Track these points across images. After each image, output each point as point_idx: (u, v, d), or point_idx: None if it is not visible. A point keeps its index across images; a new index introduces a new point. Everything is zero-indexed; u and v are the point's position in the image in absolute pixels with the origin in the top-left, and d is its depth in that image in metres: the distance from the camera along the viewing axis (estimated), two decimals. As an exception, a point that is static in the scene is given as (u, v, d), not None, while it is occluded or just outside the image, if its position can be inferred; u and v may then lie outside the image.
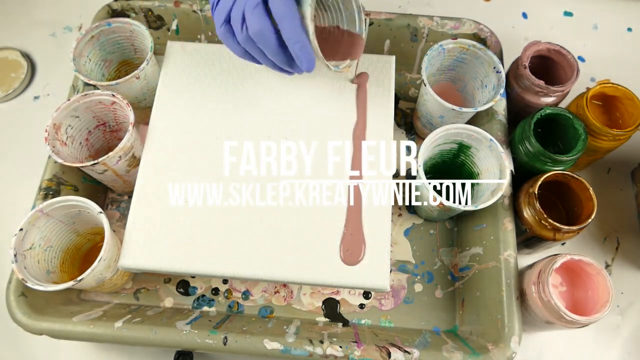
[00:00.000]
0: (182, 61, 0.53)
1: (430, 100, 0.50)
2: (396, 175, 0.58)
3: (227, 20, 0.40)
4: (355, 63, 0.49)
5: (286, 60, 0.41)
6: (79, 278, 0.42)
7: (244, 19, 0.39)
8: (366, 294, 0.52)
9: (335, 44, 0.47)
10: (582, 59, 0.66)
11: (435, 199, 0.46)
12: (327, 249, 0.45)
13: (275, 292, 0.52)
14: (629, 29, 0.68)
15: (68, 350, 0.51)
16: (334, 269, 0.45)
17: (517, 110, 0.54)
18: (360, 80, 0.52)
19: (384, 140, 0.49)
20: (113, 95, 0.49)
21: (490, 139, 0.47)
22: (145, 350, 0.51)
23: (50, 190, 0.50)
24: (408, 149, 0.59)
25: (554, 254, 0.44)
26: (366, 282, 0.44)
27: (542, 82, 0.51)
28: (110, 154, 0.46)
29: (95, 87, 0.53)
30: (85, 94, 0.49)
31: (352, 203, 0.47)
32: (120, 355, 0.51)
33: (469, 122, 0.56)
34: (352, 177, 0.48)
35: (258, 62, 0.43)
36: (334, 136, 0.50)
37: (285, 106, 0.51)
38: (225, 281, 0.53)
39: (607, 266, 0.54)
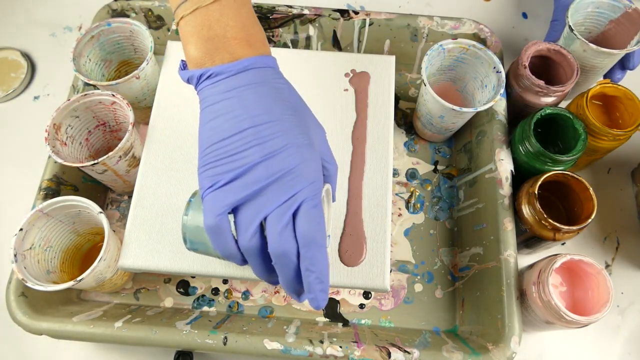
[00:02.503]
0: (182, 61, 0.53)
1: (430, 100, 0.50)
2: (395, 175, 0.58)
3: (227, 212, 0.32)
4: None
5: (294, 288, 0.34)
6: (79, 278, 0.42)
7: (259, 225, 0.32)
8: (366, 294, 0.52)
9: None
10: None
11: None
12: (327, 249, 0.45)
13: (275, 292, 0.52)
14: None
15: (68, 350, 0.51)
16: (334, 269, 0.45)
17: (517, 110, 0.54)
18: (360, 80, 0.52)
19: (383, 140, 0.49)
20: (113, 95, 0.49)
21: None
22: (145, 350, 0.51)
23: (50, 190, 0.50)
24: (409, 148, 0.59)
25: (554, 254, 0.44)
26: (366, 282, 0.44)
27: (542, 82, 0.51)
28: (110, 154, 0.46)
29: (95, 87, 0.53)
30: (85, 94, 0.49)
31: (352, 203, 0.47)
32: (120, 355, 0.51)
33: (469, 122, 0.56)
34: (351, 177, 0.48)
35: (240, 264, 0.35)
36: (333, 136, 0.50)
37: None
38: (225, 281, 0.53)
39: (607, 266, 0.54)
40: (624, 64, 0.55)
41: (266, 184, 0.32)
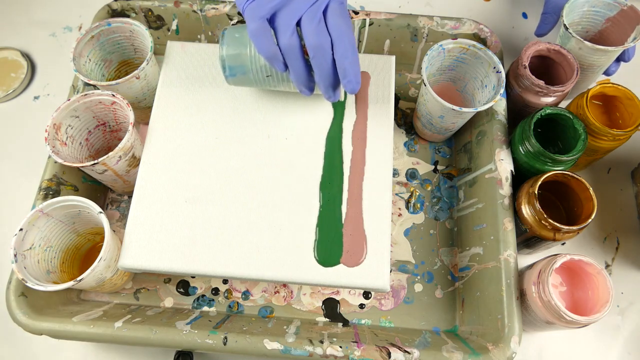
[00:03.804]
0: (182, 61, 0.53)
1: (430, 100, 0.50)
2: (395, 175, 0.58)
3: (269, 19, 0.39)
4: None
5: (330, 81, 0.41)
6: (79, 278, 0.42)
7: (296, 27, 0.38)
8: (366, 294, 0.52)
9: None
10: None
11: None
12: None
13: (275, 292, 0.52)
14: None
15: (68, 350, 0.51)
16: (334, 269, 0.45)
17: (517, 110, 0.54)
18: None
19: (383, 140, 0.49)
20: (113, 95, 0.49)
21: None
22: (145, 350, 0.51)
23: (50, 190, 0.50)
24: (409, 148, 0.59)
25: (554, 254, 0.44)
26: (366, 282, 0.44)
27: (542, 82, 0.51)
28: (110, 154, 0.46)
29: (95, 87, 0.53)
30: (85, 94, 0.49)
31: (352, 203, 0.47)
32: (120, 355, 0.51)
33: (469, 122, 0.56)
34: (351, 177, 0.48)
35: (282, 69, 0.41)
36: (334, 136, 0.50)
37: (285, 105, 0.51)
38: (225, 281, 0.53)
39: (607, 266, 0.54)
40: (619, 57, 0.56)
41: None
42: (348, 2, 0.71)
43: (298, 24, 0.39)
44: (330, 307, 0.52)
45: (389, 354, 0.43)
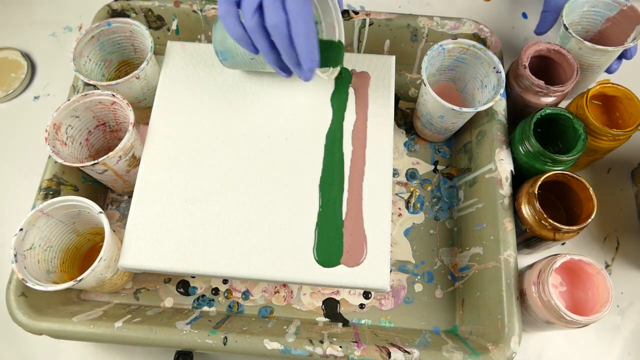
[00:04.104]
0: (182, 61, 0.53)
1: (430, 100, 0.50)
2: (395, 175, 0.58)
3: (235, 3, 0.40)
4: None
5: (294, 59, 0.42)
6: (79, 278, 0.42)
7: (258, 8, 0.40)
8: (366, 294, 0.52)
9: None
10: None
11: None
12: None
13: (275, 292, 0.52)
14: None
15: (68, 350, 0.51)
16: (334, 269, 0.45)
17: (517, 110, 0.54)
18: (360, 80, 0.52)
19: (383, 140, 0.49)
20: (113, 95, 0.49)
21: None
22: (145, 350, 0.51)
23: (50, 190, 0.50)
24: (409, 148, 0.59)
25: (554, 254, 0.44)
26: (366, 282, 0.44)
27: (542, 82, 0.51)
28: (110, 154, 0.46)
29: (95, 87, 0.53)
30: (85, 94, 0.49)
31: (352, 203, 0.47)
32: (120, 355, 0.51)
33: (469, 122, 0.56)
34: (351, 177, 0.48)
35: (253, 51, 0.43)
36: (334, 136, 0.50)
37: (285, 106, 0.51)
38: (225, 281, 0.53)
39: (607, 266, 0.54)
40: (620, 55, 0.56)
41: None
42: (348, 2, 0.71)
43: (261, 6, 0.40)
44: (330, 307, 0.52)
45: (389, 354, 0.43)
